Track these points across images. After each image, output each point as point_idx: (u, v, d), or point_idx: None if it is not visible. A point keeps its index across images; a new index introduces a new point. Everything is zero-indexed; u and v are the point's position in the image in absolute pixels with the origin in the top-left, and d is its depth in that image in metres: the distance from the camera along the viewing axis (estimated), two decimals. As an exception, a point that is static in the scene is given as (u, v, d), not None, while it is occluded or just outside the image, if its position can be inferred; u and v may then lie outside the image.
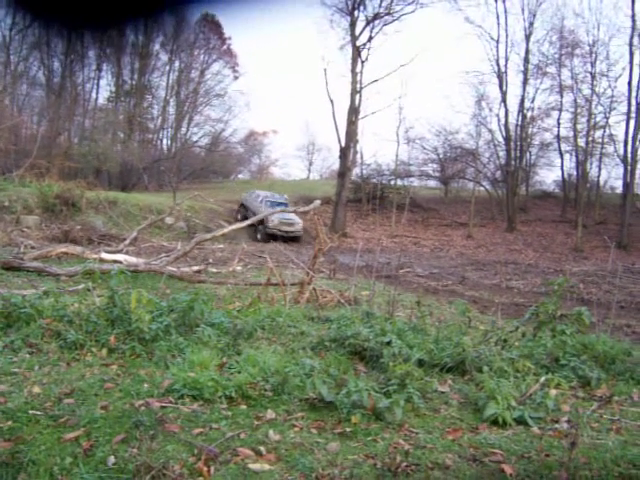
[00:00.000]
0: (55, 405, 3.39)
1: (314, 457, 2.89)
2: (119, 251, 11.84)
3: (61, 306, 5.31)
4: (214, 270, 10.68)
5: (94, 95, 35.99)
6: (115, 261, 9.82)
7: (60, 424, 3.11)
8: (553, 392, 4.06)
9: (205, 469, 2.71)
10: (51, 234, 14.62)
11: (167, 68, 37.37)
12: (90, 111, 35.48)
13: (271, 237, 23.17)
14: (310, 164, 57.39)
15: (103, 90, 42.17)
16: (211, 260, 12.24)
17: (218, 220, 23.52)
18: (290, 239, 25.26)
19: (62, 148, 28.77)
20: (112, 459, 2.73)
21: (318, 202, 10.25)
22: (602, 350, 5.00)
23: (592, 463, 2.94)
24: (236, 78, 40.38)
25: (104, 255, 10.24)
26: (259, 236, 24.41)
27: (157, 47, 36.61)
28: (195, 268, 10.27)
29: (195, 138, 40.56)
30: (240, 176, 51.43)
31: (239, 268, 11.14)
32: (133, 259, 10.39)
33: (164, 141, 39.87)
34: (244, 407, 3.57)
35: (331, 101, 31.76)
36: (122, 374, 4.09)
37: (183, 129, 38.93)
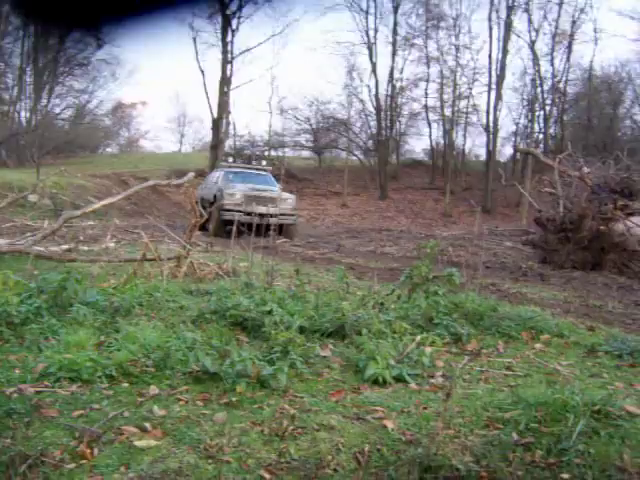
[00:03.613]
0: None
1: (201, 429, 2.88)
2: (-22, 232, 11.06)
3: None
4: (85, 248, 10.23)
5: None
6: (-26, 243, 9.17)
7: None
8: (428, 350, 4.27)
9: (88, 451, 2.62)
10: None
11: (21, 33, 34.62)
12: None
13: (229, 225, 12.80)
14: (182, 136, 56.25)
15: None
16: (82, 238, 11.72)
17: (87, 196, 22.46)
18: (266, 228, 11.92)
19: None
20: (-18, 453, 2.58)
21: (192, 174, 9.99)
22: (471, 308, 5.32)
23: (465, 411, 3.17)
24: (100, 47, 38.40)
25: (-40, 237, 9.54)
26: (210, 228, 15.16)
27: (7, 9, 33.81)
28: (65, 247, 9.78)
29: (57, 110, 38.31)
30: (108, 150, 49.34)
31: (112, 245, 10.75)
32: (-6, 240, 9.74)
33: (22, 113, 37.27)
34: (126, 385, 3.47)
35: (202, 71, 30.97)
36: (-11, 362, 3.85)
37: (43, 100, 36.56)
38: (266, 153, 34.15)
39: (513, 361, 4.30)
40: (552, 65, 34.89)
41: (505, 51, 32.57)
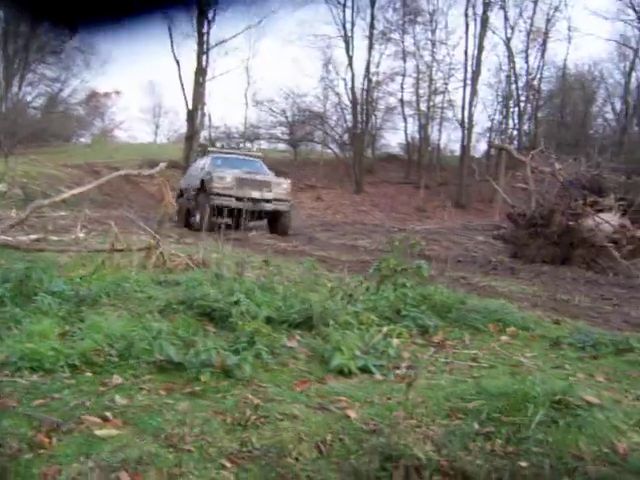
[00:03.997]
0: None
1: (163, 418, 2.86)
2: (-56, 221, 10.83)
3: None
4: (55, 238, 10.10)
5: None
6: (-60, 232, 9.00)
7: None
8: (395, 341, 4.29)
9: (47, 440, 2.59)
10: None
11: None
12: None
13: (219, 214, 11.26)
14: (157, 127, 55.71)
15: None
16: (51, 228, 11.56)
17: (59, 186, 22.14)
18: (263, 216, 14.42)
19: None
20: (-64, 447, 2.53)
21: (163, 165, 9.89)
22: (439, 300, 5.35)
23: (428, 401, 3.18)
24: (73, 35, 37.69)
25: None
26: (196, 218, 13.76)
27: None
28: (33, 237, 9.66)
29: (29, 98, 37.64)
30: (82, 140, 48.66)
31: (82, 235, 10.62)
32: (-39, 229, 9.57)
33: (-8, 101, 36.48)
34: (89, 374, 3.43)
35: (177, 62, 30.64)
36: (-52, 353, 3.77)
37: (14, 88, 35.87)
38: (241, 145, 33.99)
39: (479, 353, 4.34)
40: (527, 62, 35.29)
41: (481, 47, 32.81)
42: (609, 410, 3.02)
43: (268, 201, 13.83)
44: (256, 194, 13.66)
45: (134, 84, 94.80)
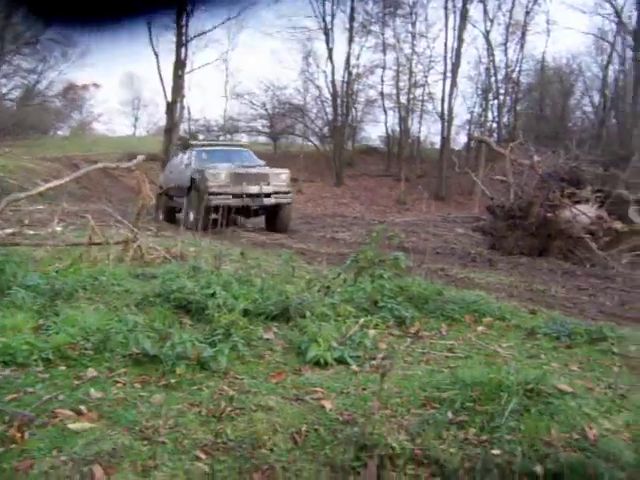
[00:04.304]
0: None
1: (138, 411, 2.86)
2: None
3: None
4: (31, 232, 9.99)
5: None
6: None
7: None
8: (371, 332, 4.31)
9: (19, 435, 2.57)
10: None
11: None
12: None
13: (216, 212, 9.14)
14: (136, 120, 55.10)
15: None
16: (27, 221, 11.44)
17: (36, 180, 21.86)
18: (261, 212, 13.98)
19: None
20: None
21: (141, 157, 9.78)
22: (417, 291, 5.36)
23: (403, 391, 3.21)
24: (49, 24, 37.06)
25: None
26: (190, 217, 12.68)
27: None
28: (8, 231, 9.55)
29: (4, 90, 37.01)
30: (60, 132, 48.01)
31: (59, 229, 10.50)
32: None
33: (-35, 93, 35.85)
34: (63, 368, 3.41)
35: (156, 54, 30.29)
36: None
37: (-12, 80, 35.28)
38: (221, 138, 33.80)
39: (455, 343, 4.37)
40: (506, 55, 35.36)
41: (460, 40, 32.83)
42: (581, 398, 3.07)
43: (268, 195, 12.99)
44: (254, 189, 12.77)
45: (113, 76, 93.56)
